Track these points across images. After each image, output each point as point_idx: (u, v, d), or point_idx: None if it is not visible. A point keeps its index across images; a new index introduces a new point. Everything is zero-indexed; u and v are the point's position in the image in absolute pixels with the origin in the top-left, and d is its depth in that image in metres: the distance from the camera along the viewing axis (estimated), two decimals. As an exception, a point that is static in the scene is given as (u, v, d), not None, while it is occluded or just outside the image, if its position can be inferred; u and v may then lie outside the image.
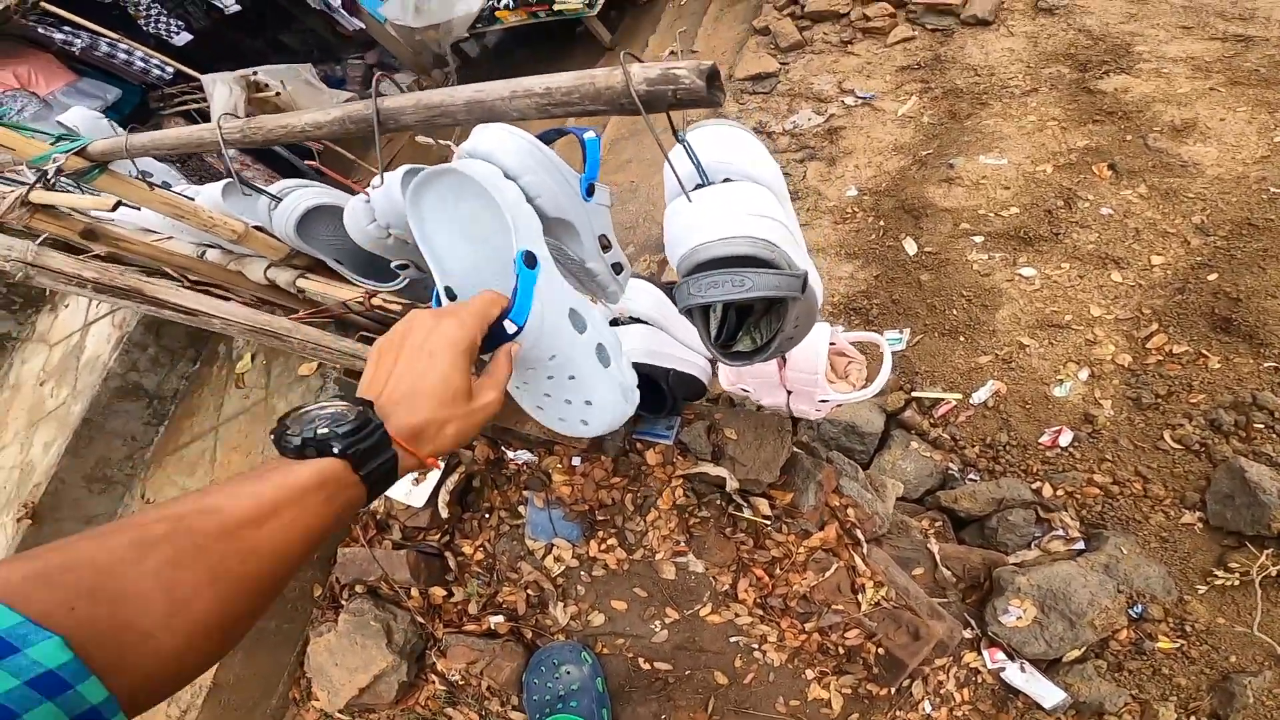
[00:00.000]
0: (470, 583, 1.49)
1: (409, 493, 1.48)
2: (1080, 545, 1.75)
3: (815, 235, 2.87)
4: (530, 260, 0.72)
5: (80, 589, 0.34)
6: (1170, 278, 2.06)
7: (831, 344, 1.41)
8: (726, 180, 0.82)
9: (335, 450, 0.46)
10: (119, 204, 1.09)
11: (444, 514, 1.49)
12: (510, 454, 1.57)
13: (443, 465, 1.52)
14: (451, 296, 0.77)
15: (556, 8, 5.19)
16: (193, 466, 1.90)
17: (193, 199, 1.51)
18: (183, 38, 4.82)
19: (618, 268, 0.99)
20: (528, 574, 1.47)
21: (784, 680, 1.45)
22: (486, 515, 1.54)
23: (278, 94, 3.65)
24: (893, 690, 1.49)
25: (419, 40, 5.50)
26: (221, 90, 3.58)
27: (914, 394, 2.17)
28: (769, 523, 1.54)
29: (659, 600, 1.42)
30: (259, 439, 1.79)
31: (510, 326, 0.67)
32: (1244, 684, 1.42)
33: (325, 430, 0.47)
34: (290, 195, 1.33)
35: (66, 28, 3.92)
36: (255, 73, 3.65)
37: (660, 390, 1.35)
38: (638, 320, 1.42)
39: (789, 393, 1.44)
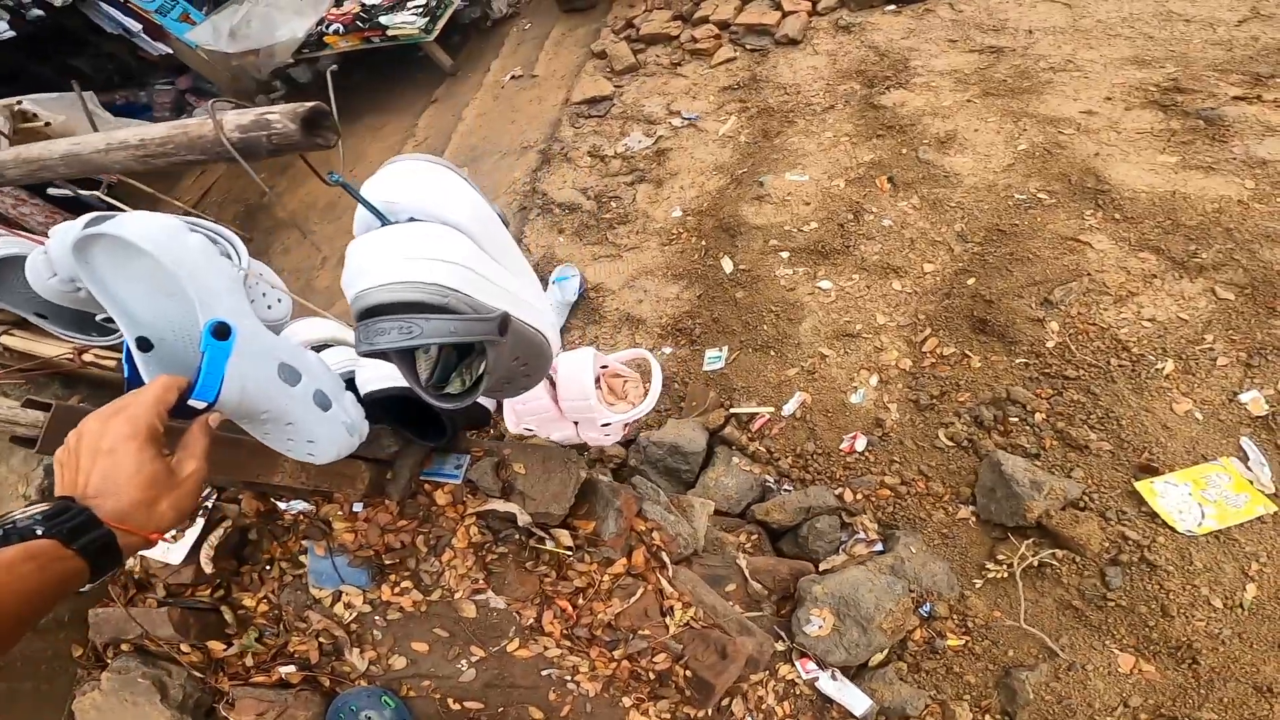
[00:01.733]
0: (247, 634, 1.42)
1: (166, 550, 1.42)
2: (879, 547, 1.84)
3: (645, 257, 2.91)
4: (221, 331, 0.69)
5: None
6: (939, 284, 2.25)
7: (604, 367, 1.42)
8: (411, 220, 0.78)
9: (39, 533, 0.52)
10: None
11: (207, 569, 1.42)
12: (283, 505, 1.49)
13: (201, 523, 1.46)
14: (146, 347, 0.74)
15: (391, 34, 5.02)
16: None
17: None
18: (-59, 66, 4.24)
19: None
20: (317, 622, 1.41)
21: (601, 710, 1.45)
22: (267, 567, 1.48)
23: (48, 124, 3.26)
24: (710, 711, 1.51)
25: (236, 66, 5.15)
26: (-26, 120, 3.15)
27: (732, 410, 2.23)
28: (571, 553, 1.53)
29: (462, 639, 1.39)
30: (-37, 509, 1.62)
31: (199, 404, 0.67)
32: (1022, 679, 1.51)
33: (25, 521, 0.53)
34: (-33, 247, 1.17)
35: None
36: (19, 102, 3.24)
37: (438, 418, 1.33)
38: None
39: (575, 423, 1.44)
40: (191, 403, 0.66)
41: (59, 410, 0.92)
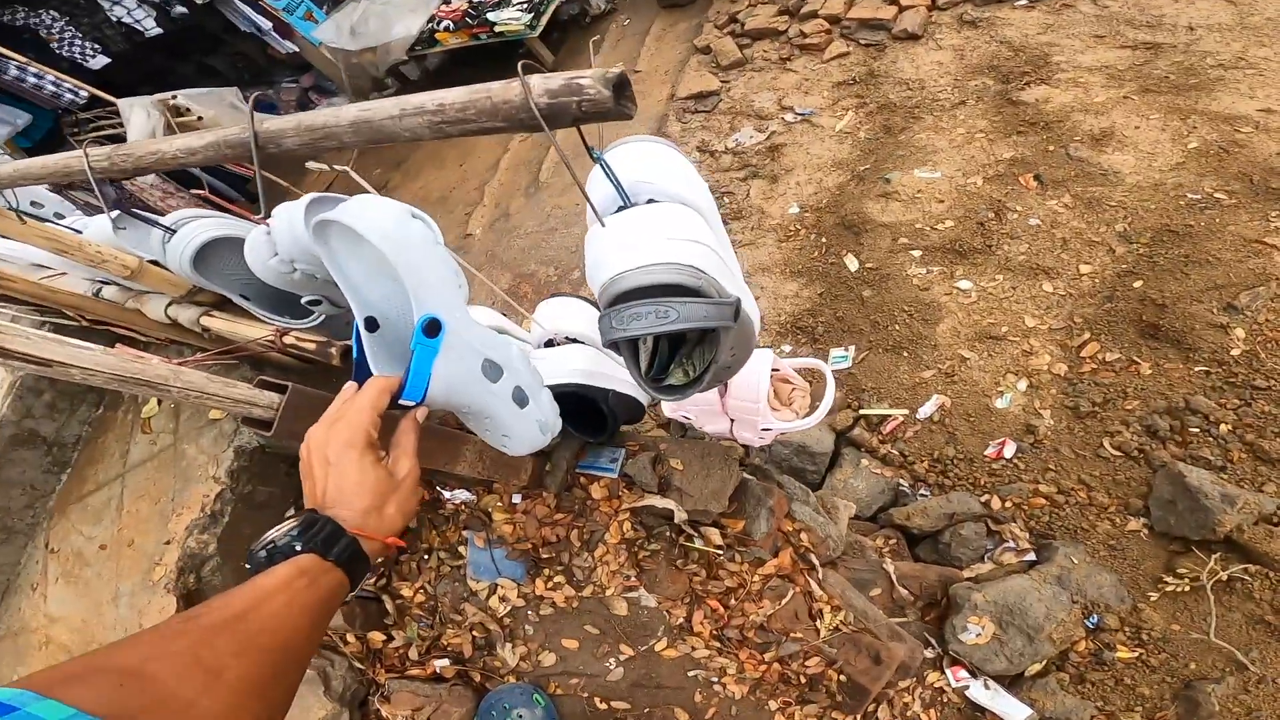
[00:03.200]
0: (410, 626, 1.43)
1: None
2: (1031, 556, 1.74)
3: (760, 254, 2.86)
4: (432, 328, 0.70)
5: (118, 679, 0.39)
6: (1099, 286, 2.11)
7: (775, 370, 1.39)
8: (651, 201, 0.77)
9: (298, 549, 0.54)
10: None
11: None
12: (447, 494, 1.52)
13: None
14: (373, 326, 0.75)
15: (498, 30, 5.16)
16: (98, 514, 1.81)
17: (80, 231, 1.40)
18: (99, 61, 4.63)
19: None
20: (472, 615, 1.41)
21: (746, 713, 1.41)
22: (425, 557, 1.48)
23: (200, 119, 3.50)
24: (858, 717, 1.46)
25: (356, 64, 5.42)
26: (139, 115, 3.43)
27: (861, 411, 2.16)
28: (721, 552, 1.51)
29: (612, 637, 1.37)
30: (168, 486, 1.70)
31: (408, 402, 0.67)
32: (1207, 692, 1.41)
33: (283, 540, 0.55)
34: (186, 227, 1.25)
35: (-30, 52, 3.71)
36: (174, 96, 3.50)
37: (601, 410, 1.32)
38: (575, 340, 1.39)
39: (731, 420, 1.42)
40: (401, 402, 0.67)
41: (294, 393, 0.92)
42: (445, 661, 1.37)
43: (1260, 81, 2.56)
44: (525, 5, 5.17)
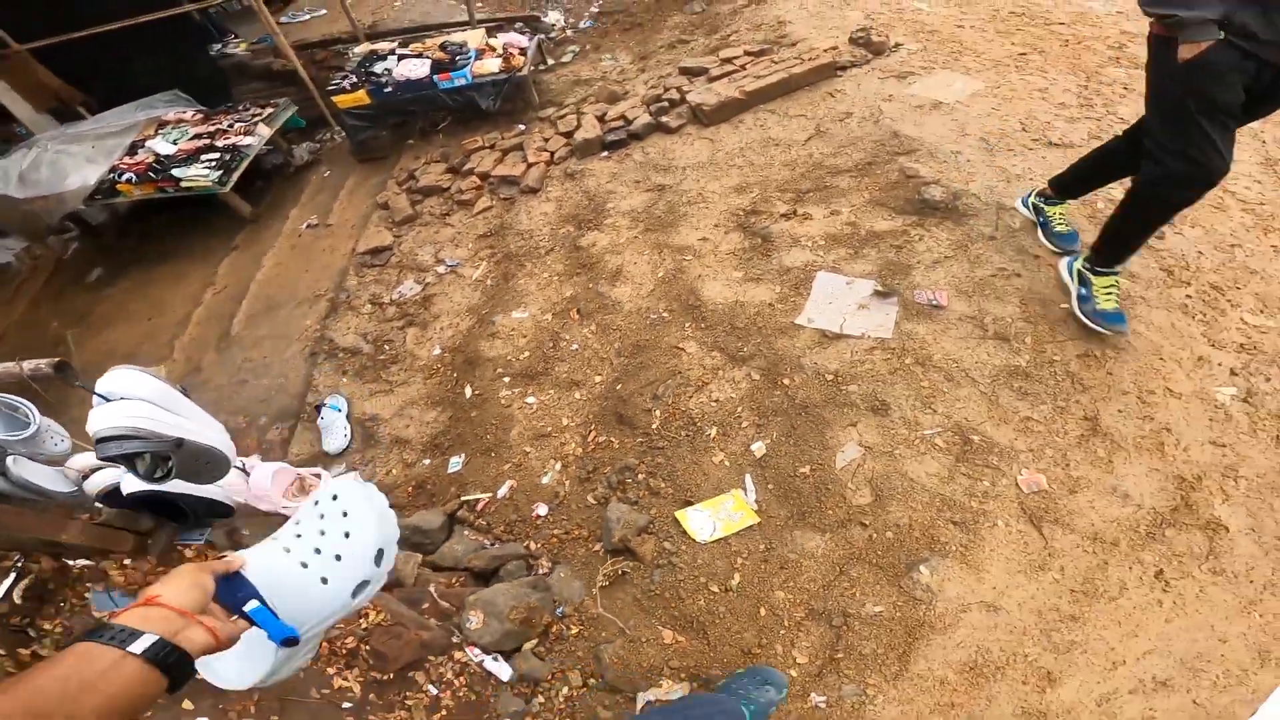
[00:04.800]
0: (46, 646, 2.16)
1: (-8, 592, 2.14)
2: (550, 577, 2.69)
3: (411, 390, 3.68)
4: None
5: None
6: (603, 390, 3.20)
7: (299, 474, 2.32)
8: (121, 399, 1.63)
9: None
10: None
11: (18, 601, 2.22)
12: (71, 562, 2.27)
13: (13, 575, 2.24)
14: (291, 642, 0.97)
15: (184, 185, 5.31)
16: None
17: None
18: None
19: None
20: None
21: (312, 677, 2.15)
22: (62, 604, 2.24)
23: None
24: (393, 675, 2.24)
25: (26, 210, 5.35)
26: None
27: (463, 498, 3.03)
28: None
29: None
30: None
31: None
32: (604, 650, 2.30)
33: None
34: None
35: None
36: None
37: (182, 509, 2.15)
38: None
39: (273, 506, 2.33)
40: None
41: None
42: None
43: (706, 213, 3.83)
44: (214, 163, 5.44)
